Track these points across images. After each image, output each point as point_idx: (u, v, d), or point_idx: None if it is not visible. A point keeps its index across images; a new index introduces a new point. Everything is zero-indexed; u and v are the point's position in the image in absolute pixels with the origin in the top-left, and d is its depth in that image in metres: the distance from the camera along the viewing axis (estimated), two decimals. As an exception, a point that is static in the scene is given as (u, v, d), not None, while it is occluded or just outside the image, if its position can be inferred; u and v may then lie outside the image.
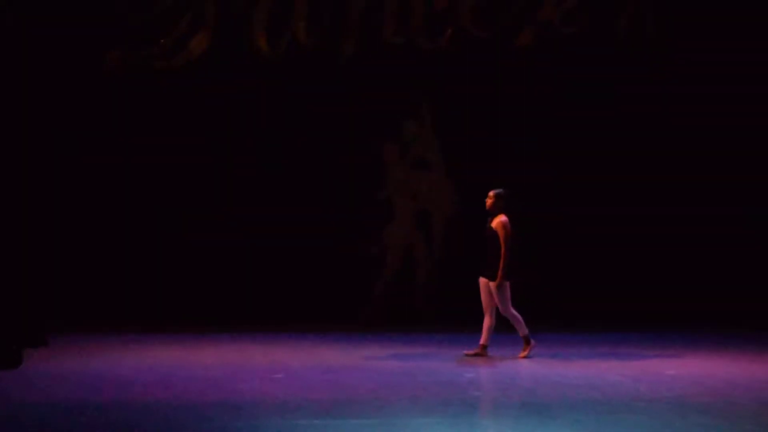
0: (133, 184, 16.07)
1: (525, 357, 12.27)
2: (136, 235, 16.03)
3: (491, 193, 12.21)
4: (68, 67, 15.65)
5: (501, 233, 12.02)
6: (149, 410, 9.20)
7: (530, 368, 11.73)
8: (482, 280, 12.22)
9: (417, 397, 9.92)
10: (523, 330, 12.27)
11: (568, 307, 15.94)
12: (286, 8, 16.20)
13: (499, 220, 12.09)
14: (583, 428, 8.57)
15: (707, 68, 16.24)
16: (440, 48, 16.41)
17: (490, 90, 16.28)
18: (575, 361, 12.22)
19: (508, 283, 12.09)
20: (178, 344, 13.48)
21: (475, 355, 12.27)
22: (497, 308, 12.18)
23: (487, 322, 12.22)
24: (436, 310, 16.20)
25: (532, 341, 12.32)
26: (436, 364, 12.01)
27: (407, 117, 16.57)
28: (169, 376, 11.02)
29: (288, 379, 10.86)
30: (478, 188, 12.43)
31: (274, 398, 9.78)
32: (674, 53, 16.37)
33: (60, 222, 15.62)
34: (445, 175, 16.54)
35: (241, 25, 16.17)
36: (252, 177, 16.24)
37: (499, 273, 11.98)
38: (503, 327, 12.54)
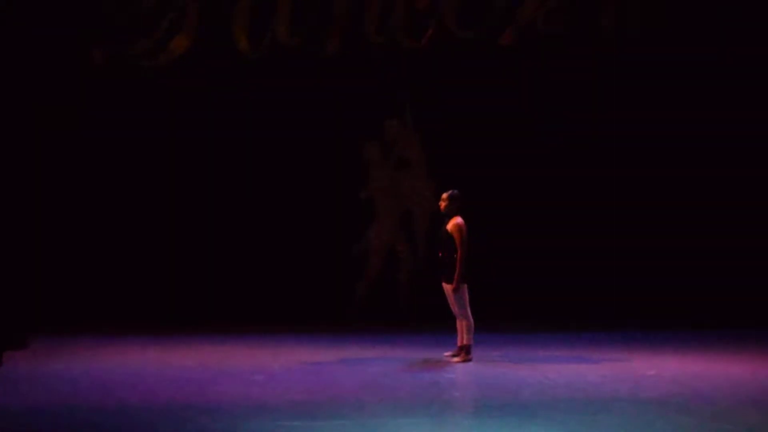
0: (114, 184, 15.99)
1: (454, 361, 12.00)
2: (115, 236, 15.96)
3: (444, 196, 12.07)
4: (51, 65, 15.61)
5: (456, 236, 11.82)
6: (128, 412, 9.18)
7: (511, 369, 11.72)
8: (445, 284, 12.05)
9: (399, 398, 9.91)
10: (470, 339, 12.01)
11: (550, 308, 15.97)
12: (267, 8, 16.17)
13: (454, 223, 11.91)
14: (565, 428, 8.58)
15: (691, 67, 16.34)
16: (422, 47, 16.41)
17: (472, 89, 16.28)
18: (556, 362, 12.21)
19: (465, 286, 11.90)
20: (158, 346, 13.42)
21: (453, 356, 12.19)
22: (468, 309, 11.94)
23: (461, 323, 12.10)
24: (418, 310, 16.18)
25: (471, 356, 12.05)
26: (418, 364, 11.99)
27: (389, 116, 16.54)
28: (149, 377, 10.98)
29: (269, 381, 10.83)
30: (461, 188, 12.35)
31: (254, 399, 9.76)
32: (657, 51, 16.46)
33: (39, 224, 15.55)
34: (427, 174, 16.52)
35: (223, 25, 16.13)
36: (234, 177, 16.19)
37: (456, 276, 11.79)
38: (486, 325, 12.51)
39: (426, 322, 15.35)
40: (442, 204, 12.08)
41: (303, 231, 16.13)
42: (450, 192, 12.07)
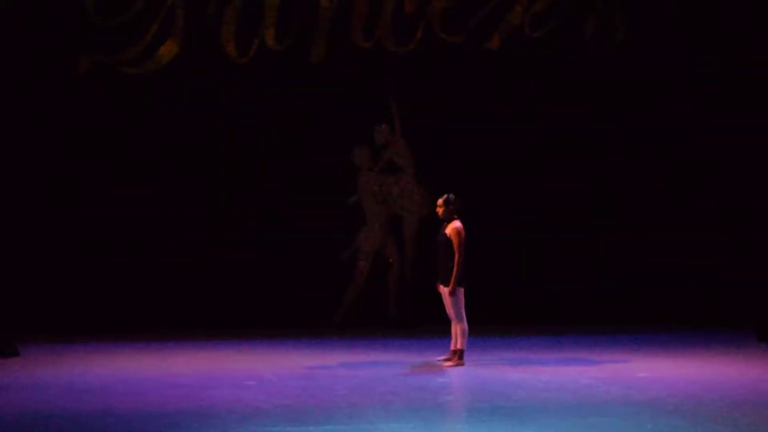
0: (101, 190, 15.94)
1: (447, 365, 12.03)
2: (106, 243, 15.92)
3: (440, 201, 12.09)
4: (38, 72, 15.59)
5: (455, 239, 11.85)
6: (121, 418, 9.17)
7: (502, 372, 11.75)
8: (441, 288, 12.07)
9: (389, 402, 9.92)
10: (463, 344, 12.03)
11: (540, 310, 16.01)
12: (254, 14, 16.16)
13: (453, 226, 11.93)
14: (555, 431, 8.60)
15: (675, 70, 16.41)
16: (409, 52, 16.43)
17: (460, 93, 16.32)
18: (547, 365, 12.25)
19: (462, 290, 11.93)
20: (149, 352, 13.42)
21: (446, 360, 12.21)
22: (463, 312, 11.97)
23: (455, 327, 12.12)
24: (407, 315, 16.19)
25: (464, 360, 12.07)
26: (408, 368, 12.01)
27: (378, 122, 16.53)
28: (140, 384, 10.97)
29: (260, 386, 10.84)
30: (449, 192, 12.35)
31: (246, 405, 9.76)
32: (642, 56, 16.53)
33: (29, 231, 15.52)
34: (415, 179, 16.53)
35: (210, 31, 16.11)
36: (222, 183, 16.19)
37: (452, 279, 11.82)
38: (478, 329, 12.53)
39: (417, 326, 15.40)
40: (440, 210, 12.10)
41: (292, 236, 16.10)
42: (445, 197, 12.09)
